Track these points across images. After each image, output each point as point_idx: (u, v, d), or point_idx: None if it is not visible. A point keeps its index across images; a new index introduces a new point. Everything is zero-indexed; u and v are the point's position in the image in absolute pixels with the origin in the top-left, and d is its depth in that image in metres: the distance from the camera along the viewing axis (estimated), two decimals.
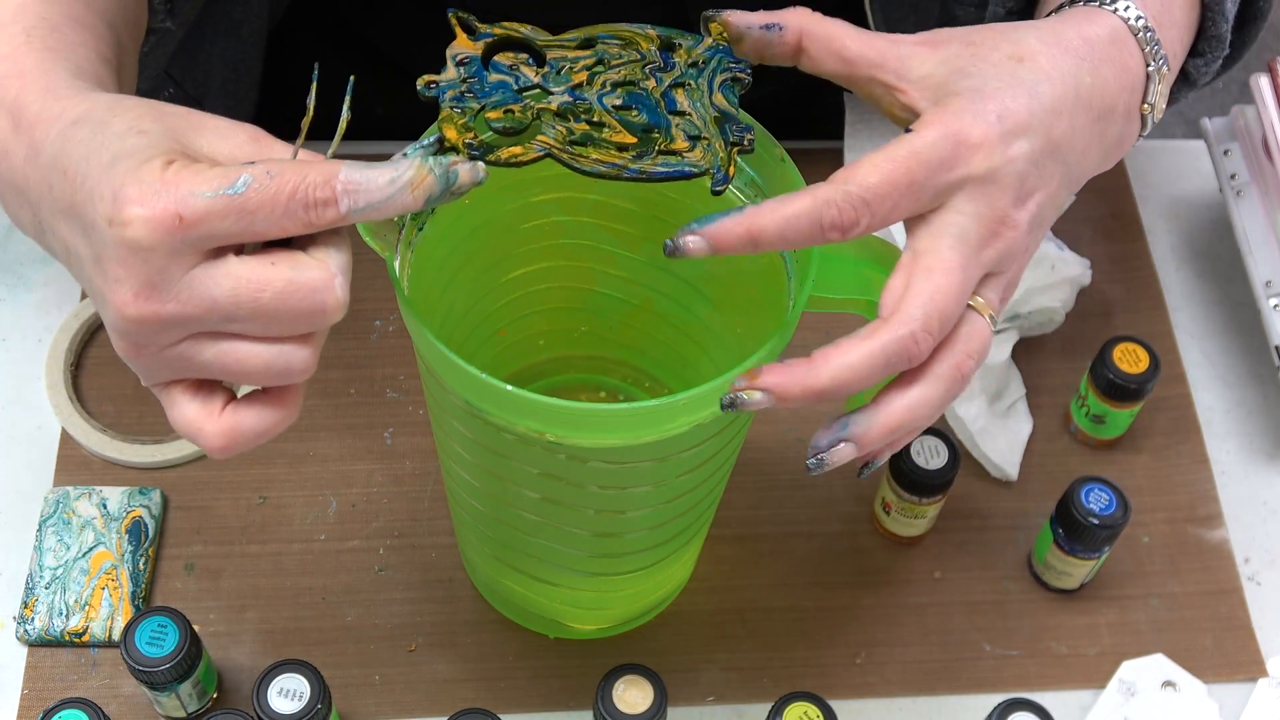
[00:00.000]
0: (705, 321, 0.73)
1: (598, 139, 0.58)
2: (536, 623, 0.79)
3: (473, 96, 0.57)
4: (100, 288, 0.51)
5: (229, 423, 0.54)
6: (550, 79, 0.59)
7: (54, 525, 0.79)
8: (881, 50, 0.59)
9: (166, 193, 0.49)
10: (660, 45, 0.60)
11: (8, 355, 0.86)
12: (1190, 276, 0.95)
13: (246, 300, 0.50)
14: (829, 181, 0.56)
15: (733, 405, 0.56)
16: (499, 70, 0.58)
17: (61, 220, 0.52)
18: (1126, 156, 0.98)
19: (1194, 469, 0.87)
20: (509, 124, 0.57)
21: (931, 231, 0.57)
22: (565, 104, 0.58)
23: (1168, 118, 2.02)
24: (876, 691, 0.79)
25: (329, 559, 0.81)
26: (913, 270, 0.56)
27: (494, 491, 0.68)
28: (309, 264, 0.51)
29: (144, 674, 0.70)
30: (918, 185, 0.56)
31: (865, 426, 0.57)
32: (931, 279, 0.56)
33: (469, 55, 0.58)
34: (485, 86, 0.58)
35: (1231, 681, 0.80)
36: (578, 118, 0.58)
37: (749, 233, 0.55)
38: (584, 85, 0.59)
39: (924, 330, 0.55)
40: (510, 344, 0.75)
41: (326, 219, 0.51)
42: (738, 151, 0.58)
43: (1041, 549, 0.81)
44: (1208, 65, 0.70)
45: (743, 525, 0.83)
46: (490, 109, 0.57)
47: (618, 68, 0.59)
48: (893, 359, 0.55)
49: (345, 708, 0.76)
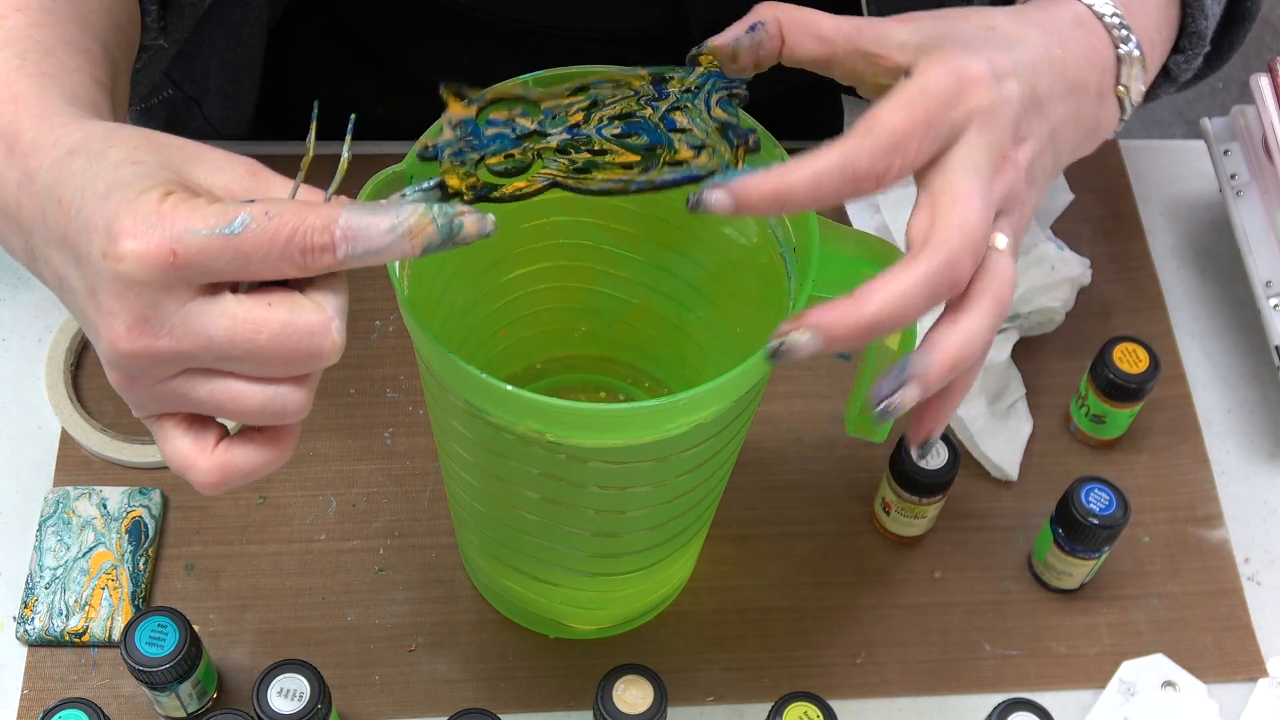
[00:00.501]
0: (705, 321, 0.73)
1: (601, 163, 0.58)
2: (536, 623, 0.79)
3: (471, 149, 0.58)
4: (94, 320, 0.51)
5: (221, 459, 0.54)
6: (547, 124, 0.59)
7: (54, 525, 0.79)
8: (857, 25, 0.60)
9: (161, 227, 0.48)
10: (652, 81, 0.60)
11: (8, 355, 0.86)
12: (1190, 276, 0.95)
13: (242, 341, 0.50)
14: (851, 134, 0.56)
15: (778, 354, 0.55)
16: (494, 125, 0.59)
17: (55, 250, 0.51)
18: (1126, 156, 0.98)
19: (1194, 469, 0.87)
20: (510, 166, 0.58)
21: (944, 170, 0.57)
22: (565, 140, 0.59)
23: (1167, 117, 2.02)
24: (876, 691, 0.79)
25: (329, 559, 0.81)
26: (935, 205, 0.56)
27: (494, 491, 0.68)
28: (306, 306, 0.51)
29: (144, 674, 0.70)
30: (935, 122, 0.56)
31: (925, 364, 0.56)
32: (957, 206, 0.56)
33: (463, 118, 0.59)
34: (482, 139, 0.58)
35: (1231, 681, 0.80)
36: (578, 149, 0.59)
37: (776, 192, 0.55)
38: (581, 124, 0.59)
39: (963, 251, 0.55)
40: (510, 344, 0.75)
41: (323, 264, 0.50)
42: (745, 151, 0.58)
43: (1041, 549, 0.81)
44: (1188, 62, 0.71)
45: (743, 525, 0.83)
46: (490, 156, 0.58)
47: (613, 104, 0.59)
48: (937, 285, 0.55)
49: (345, 708, 0.76)
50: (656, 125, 0.59)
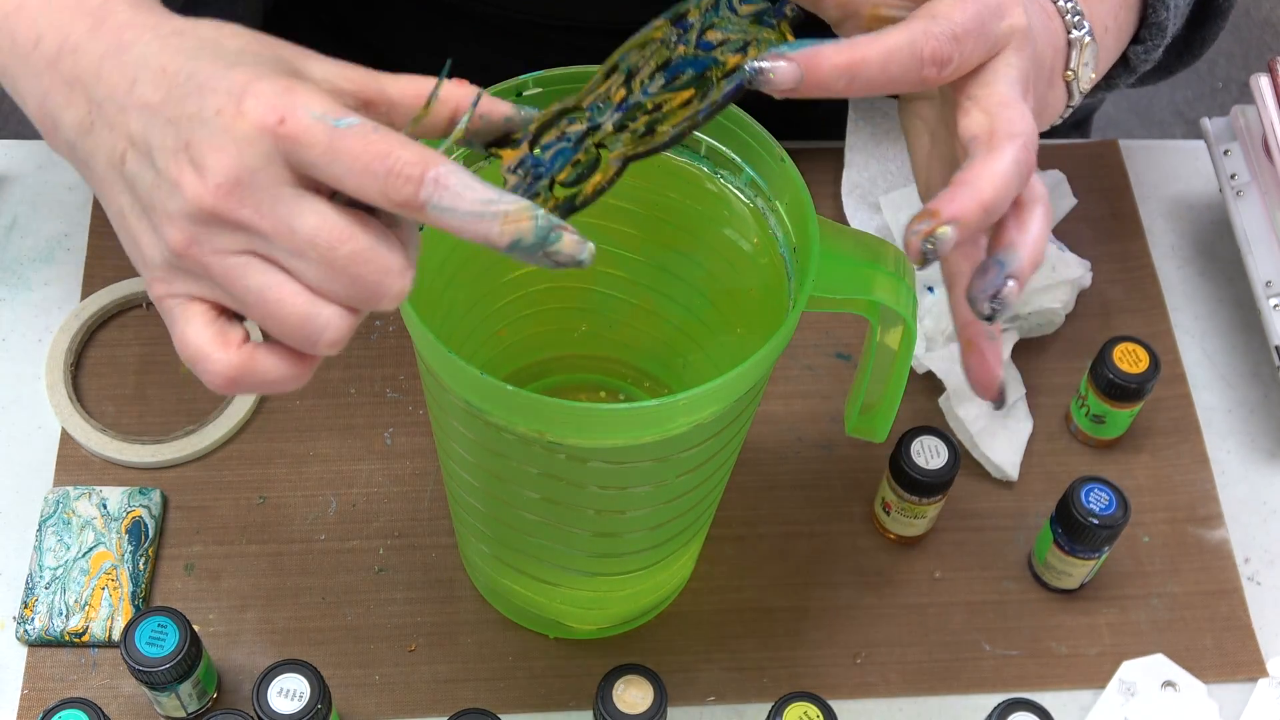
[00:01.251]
0: (705, 321, 0.73)
1: (662, 116, 0.58)
2: (536, 623, 0.79)
3: (537, 180, 0.56)
4: (174, 175, 0.50)
5: (243, 358, 0.52)
6: (596, 116, 0.58)
7: (54, 525, 0.79)
8: None
9: (284, 98, 0.49)
10: (673, 22, 0.59)
11: (8, 355, 0.86)
12: (1190, 276, 0.95)
13: (324, 244, 0.49)
14: (916, 18, 0.56)
15: (929, 254, 0.54)
16: (549, 147, 0.57)
17: (136, 114, 0.51)
18: (1126, 156, 0.98)
19: (1194, 469, 0.87)
20: (580, 171, 0.57)
21: (989, 80, 0.57)
22: (619, 119, 0.58)
23: (1167, 117, 2.02)
24: (876, 691, 0.79)
25: (329, 559, 0.81)
26: (986, 107, 0.56)
27: (494, 491, 0.68)
28: (394, 244, 0.50)
29: (144, 674, 0.70)
30: (988, 28, 0.56)
31: (1018, 260, 0.56)
32: (1008, 106, 0.56)
33: (518, 159, 0.57)
34: (544, 164, 0.57)
35: (1231, 681, 0.80)
36: (635, 118, 0.58)
37: (850, 63, 0.54)
38: (627, 97, 0.59)
39: (1032, 137, 0.55)
40: (510, 344, 0.75)
41: (402, 196, 0.49)
42: (786, 23, 0.57)
43: (1041, 549, 0.81)
44: (1148, 53, 0.70)
45: (743, 525, 0.83)
46: (558, 174, 0.57)
47: (647, 65, 0.59)
48: (1022, 167, 0.55)
49: (345, 708, 0.76)
50: (695, 55, 0.58)
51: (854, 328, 0.89)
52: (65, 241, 0.90)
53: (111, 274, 0.88)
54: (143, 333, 0.87)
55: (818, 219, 0.62)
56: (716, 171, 0.67)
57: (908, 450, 0.78)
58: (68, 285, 0.88)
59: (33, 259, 0.89)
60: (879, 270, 0.63)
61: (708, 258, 0.70)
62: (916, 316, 0.65)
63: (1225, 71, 2.07)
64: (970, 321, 0.60)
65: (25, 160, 0.93)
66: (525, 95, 0.64)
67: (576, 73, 0.64)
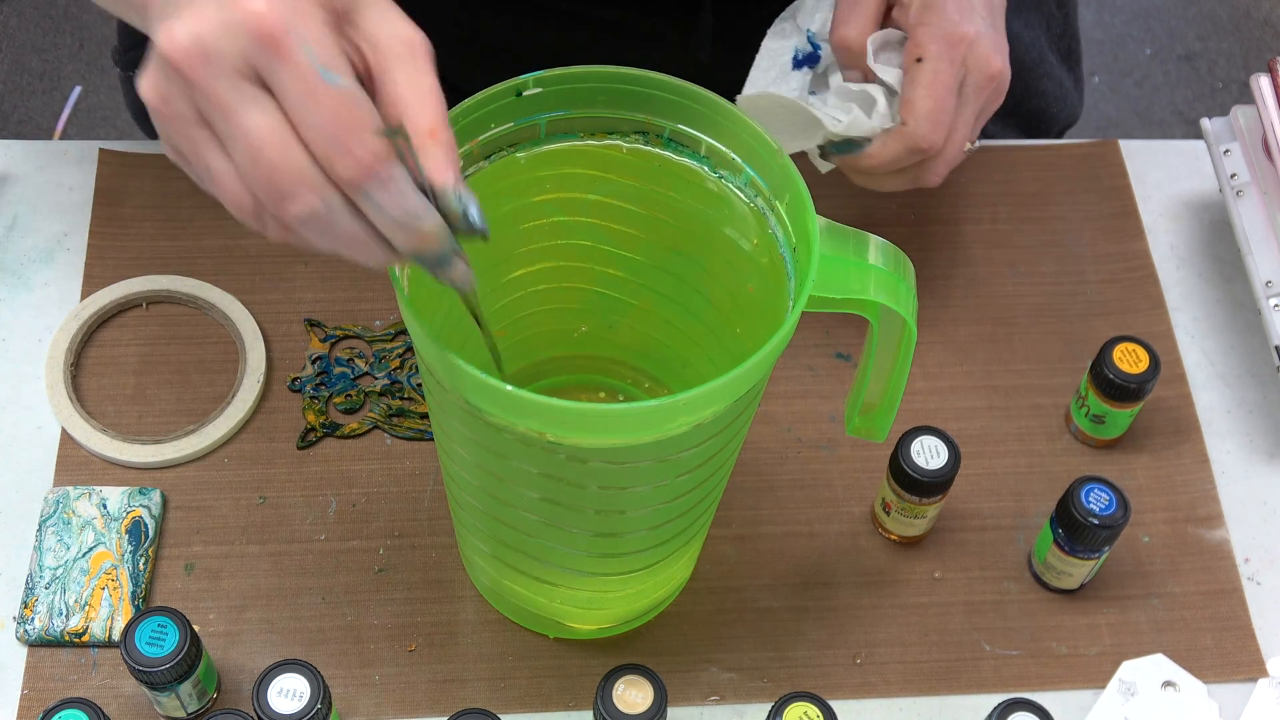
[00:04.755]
0: (705, 321, 0.73)
1: (407, 411, 0.84)
2: (536, 623, 0.79)
3: (324, 387, 0.85)
4: (158, 21, 0.51)
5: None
6: (375, 367, 0.85)
7: (54, 525, 0.79)
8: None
9: (295, 13, 0.50)
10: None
11: (8, 355, 0.86)
12: (1190, 276, 0.95)
13: (256, 144, 0.50)
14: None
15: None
16: (341, 364, 0.85)
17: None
18: (1126, 156, 0.99)
19: (1194, 469, 0.87)
20: (349, 406, 0.85)
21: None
22: (385, 385, 0.85)
23: (1167, 117, 2.03)
24: (876, 691, 0.79)
25: (329, 559, 0.81)
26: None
27: (494, 491, 0.68)
28: (319, 172, 0.51)
29: (144, 674, 0.70)
30: (954, 93, 0.78)
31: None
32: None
33: (319, 354, 0.86)
34: (332, 378, 0.85)
35: (1231, 681, 0.80)
36: (394, 395, 0.85)
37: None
38: (398, 369, 0.85)
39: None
40: (510, 344, 0.75)
41: (346, 172, 0.50)
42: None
43: (1041, 549, 0.81)
44: None
45: (743, 525, 0.83)
46: (336, 395, 0.85)
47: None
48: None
49: (345, 708, 0.76)
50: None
51: (854, 328, 0.89)
52: (65, 241, 0.90)
53: (111, 274, 0.88)
54: (143, 333, 0.87)
55: (818, 219, 0.62)
56: (716, 171, 0.67)
57: (908, 450, 0.78)
58: (68, 285, 0.88)
59: (33, 259, 0.89)
60: (879, 270, 0.63)
61: (708, 258, 0.70)
62: (916, 317, 0.65)
63: (1225, 71, 2.07)
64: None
65: (25, 160, 0.93)
66: (525, 95, 0.64)
67: (577, 73, 0.64)
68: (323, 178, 0.51)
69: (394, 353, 0.86)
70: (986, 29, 0.78)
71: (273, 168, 0.51)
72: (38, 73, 1.96)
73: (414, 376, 0.85)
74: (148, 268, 0.89)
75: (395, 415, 0.84)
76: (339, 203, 0.52)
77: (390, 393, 0.85)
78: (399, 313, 0.83)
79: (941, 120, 0.76)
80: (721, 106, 0.65)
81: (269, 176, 0.51)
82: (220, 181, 0.52)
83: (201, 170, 0.53)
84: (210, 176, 0.53)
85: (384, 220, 0.52)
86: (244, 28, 0.49)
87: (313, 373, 0.85)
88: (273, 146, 0.50)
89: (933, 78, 0.76)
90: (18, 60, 1.96)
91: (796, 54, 0.83)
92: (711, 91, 0.65)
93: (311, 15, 0.50)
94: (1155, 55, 2.07)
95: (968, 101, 0.78)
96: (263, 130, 0.50)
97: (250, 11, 0.49)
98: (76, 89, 1.94)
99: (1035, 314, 0.92)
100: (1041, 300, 0.93)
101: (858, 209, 0.94)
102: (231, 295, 0.88)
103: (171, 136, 0.53)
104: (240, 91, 0.50)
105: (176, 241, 0.90)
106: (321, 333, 0.86)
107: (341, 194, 0.52)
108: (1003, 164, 0.97)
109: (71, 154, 0.93)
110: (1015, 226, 0.95)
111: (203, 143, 0.52)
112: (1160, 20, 2.12)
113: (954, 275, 0.93)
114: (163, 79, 0.51)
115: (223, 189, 0.52)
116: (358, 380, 0.85)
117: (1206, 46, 2.10)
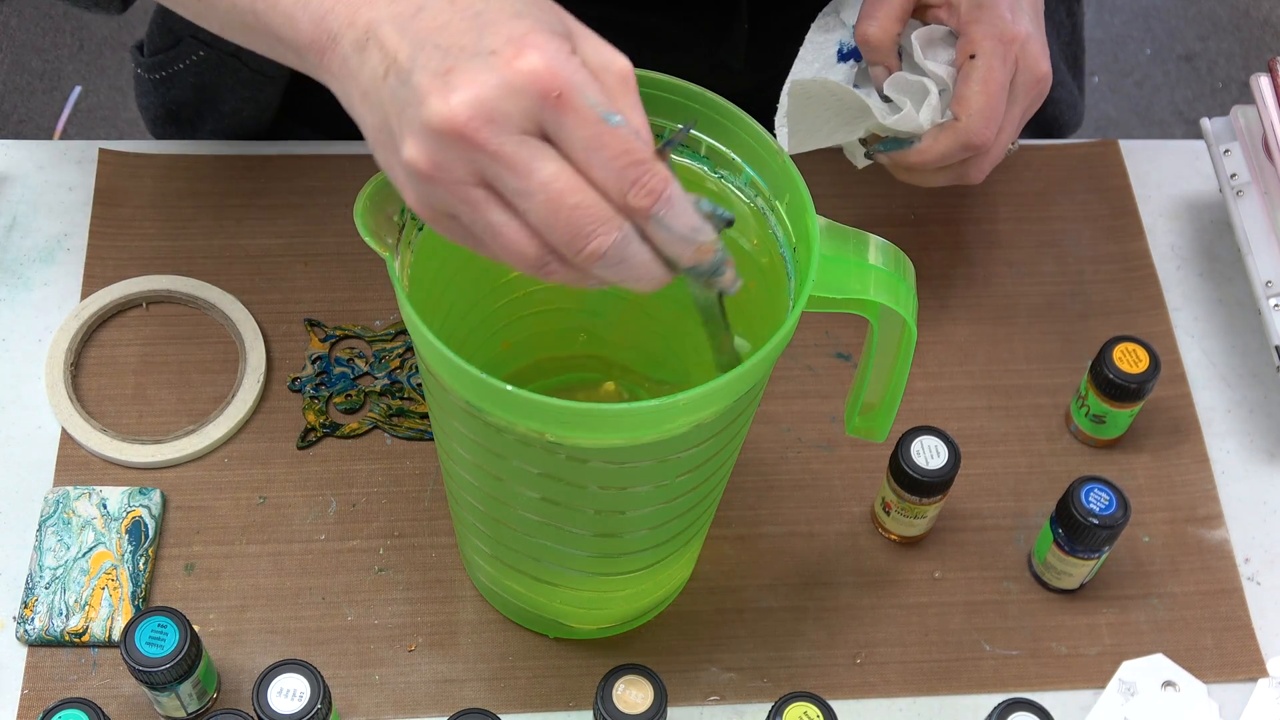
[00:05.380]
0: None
1: (407, 411, 0.84)
2: (536, 623, 0.79)
3: (324, 387, 0.85)
4: (424, 91, 0.52)
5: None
6: (375, 367, 0.85)
7: (54, 525, 0.79)
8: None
9: (566, 68, 0.51)
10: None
11: (8, 355, 0.86)
12: (1190, 276, 0.95)
13: (555, 190, 0.52)
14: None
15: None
16: (341, 364, 0.85)
17: (412, 38, 0.53)
18: (1126, 156, 0.99)
19: (1194, 469, 0.87)
20: (349, 406, 0.85)
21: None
22: (385, 385, 0.85)
23: (1167, 117, 2.03)
24: (876, 691, 0.79)
25: (329, 559, 0.81)
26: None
27: (494, 491, 0.68)
28: (611, 210, 0.53)
29: (144, 674, 0.70)
30: (1005, 92, 0.79)
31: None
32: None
33: (319, 354, 0.86)
34: (332, 378, 0.85)
35: (1231, 681, 0.80)
36: (394, 395, 0.85)
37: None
38: (398, 369, 0.85)
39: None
40: (510, 344, 0.75)
41: (639, 203, 0.53)
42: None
43: (1041, 549, 0.81)
44: None
45: (743, 525, 0.83)
46: (336, 395, 0.85)
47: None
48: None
49: (345, 708, 0.76)
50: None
51: (854, 328, 0.89)
52: (65, 241, 0.90)
53: (111, 274, 0.88)
54: (143, 333, 0.87)
55: (818, 219, 0.62)
56: (716, 171, 0.67)
57: (908, 450, 0.78)
58: (68, 285, 0.88)
59: (33, 259, 0.89)
60: (879, 270, 0.63)
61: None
62: (916, 317, 0.65)
63: (1225, 71, 2.07)
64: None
65: (25, 160, 0.93)
66: None
67: None
68: (616, 213, 0.53)
69: (394, 353, 0.86)
70: (1035, 30, 0.79)
71: (575, 210, 0.52)
72: (38, 73, 1.96)
73: (414, 376, 0.85)
74: (148, 268, 0.89)
75: (395, 415, 0.84)
76: (633, 232, 0.54)
77: (390, 393, 0.85)
78: (399, 313, 0.83)
79: (994, 117, 0.77)
80: (722, 107, 0.65)
81: (570, 220, 0.53)
82: (503, 234, 0.54)
83: (482, 228, 0.54)
84: (492, 232, 0.54)
85: (670, 240, 0.54)
86: (527, 89, 0.51)
87: (313, 373, 0.85)
88: (572, 192, 0.52)
89: (987, 74, 0.77)
90: (18, 60, 1.96)
91: (841, 47, 0.83)
92: (712, 92, 0.65)
93: (577, 64, 0.52)
94: (1155, 55, 2.07)
95: (1016, 100, 0.79)
96: (559, 179, 0.52)
97: (529, 72, 0.51)
98: (76, 89, 1.94)
99: (1035, 314, 0.92)
100: (1041, 300, 0.93)
101: (858, 209, 0.94)
102: (231, 295, 0.88)
103: (442, 200, 0.54)
104: (529, 147, 0.52)
105: (176, 241, 0.90)
106: (321, 333, 0.86)
107: (634, 224, 0.54)
108: (1003, 164, 0.97)
109: (71, 154, 0.93)
110: (1015, 226, 0.95)
111: (482, 202, 0.53)
112: (1160, 20, 2.12)
113: (954, 275, 0.93)
114: (437, 146, 0.52)
115: (506, 241, 0.54)
116: (358, 380, 0.85)
117: (1206, 46, 2.10)
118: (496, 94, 0.51)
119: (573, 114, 0.52)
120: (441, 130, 0.52)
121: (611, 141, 0.52)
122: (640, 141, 0.53)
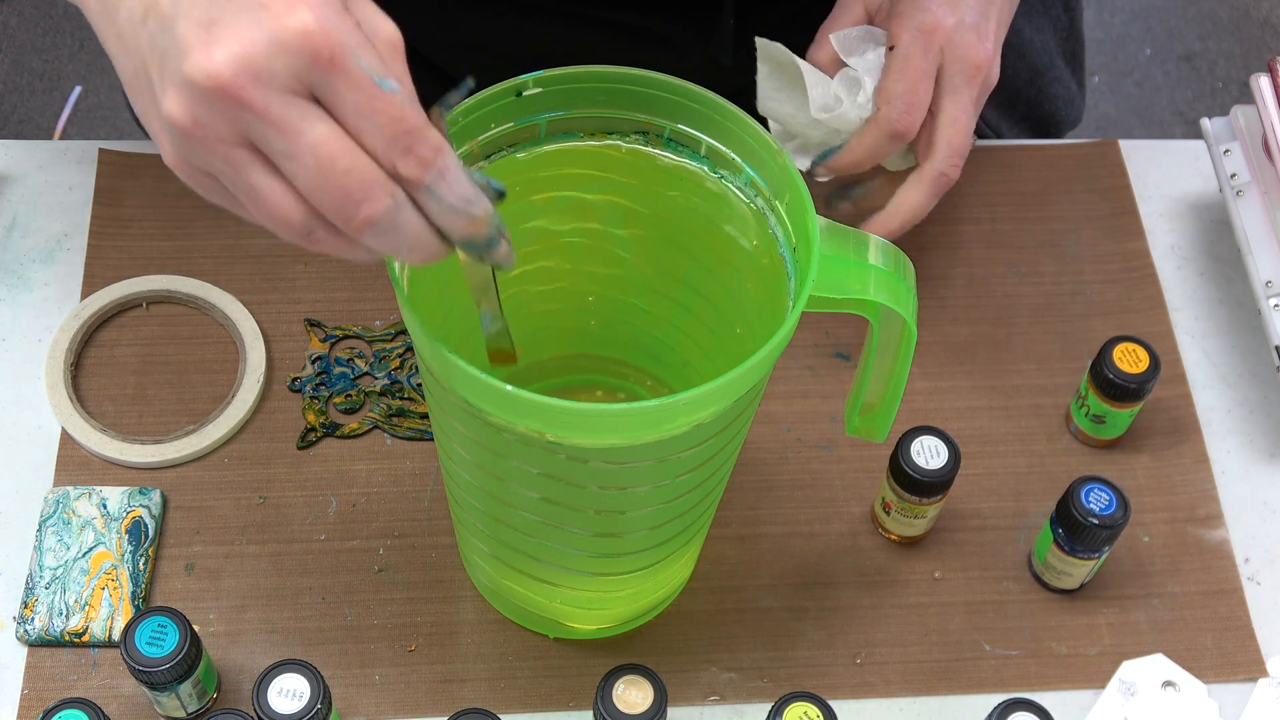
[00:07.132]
0: (705, 321, 0.73)
1: (407, 411, 0.85)
2: (536, 623, 0.79)
3: (324, 387, 0.85)
4: (187, 42, 0.49)
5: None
6: (375, 367, 0.86)
7: (54, 525, 0.79)
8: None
9: (338, 27, 0.49)
10: None
11: (8, 355, 0.86)
12: (1190, 276, 0.95)
13: (324, 154, 0.50)
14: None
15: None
16: (341, 364, 0.86)
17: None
18: (1126, 156, 0.98)
19: (1194, 469, 0.87)
20: (349, 406, 0.85)
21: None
22: (385, 385, 0.85)
23: (1167, 117, 2.03)
24: (876, 691, 0.79)
25: (329, 559, 0.81)
26: (936, 114, 0.81)
27: (494, 491, 0.68)
28: (384, 177, 0.51)
29: (144, 674, 0.70)
30: (928, 78, 0.79)
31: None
32: (953, 122, 0.81)
33: (319, 354, 0.86)
34: (331, 378, 0.85)
35: (1231, 681, 0.80)
36: (394, 395, 0.85)
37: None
38: (398, 369, 0.86)
39: (959, 156, 0.81)
40: None
41: (410, 172, 0.51)
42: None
43: (1041, 549, 0.81)
44: None
45: (743, 525, 0.83)
46: (336, 396, 0.85)
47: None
48: (938, 190, 0.81)
49: (345, 708, 0.76)
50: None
51: (854, 328, 0.89)
52: (65, 241, 0.90)
53: (111, 274, 0.88)
54: (143, 332, 0.87)
55: (818, 219, 0.62)
56: (716, 171, 0.67)
57: (908, 450, 0.78)
58: (68, 285, 0.88)
59: (33, 259, 0.89)
60: (879, 270, 0.63)
61: (708, 258, 0.70)
62: (916, 317, 0.65)
63: (1225, 71, 2.07)
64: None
65: (25, 160, 0.93)
66: (525, 95, 0.64)
67: (576, 73, 0.64)
68: (388, 179, 0.51)
69: (394, 353, 0.86)
70: (974, 18, 0.79)
71: (345, 175, 0.50)
72: (38, 73, 1.96)
73: (414, 376, 0.85)
74: (148, 268, 0.89)
75: (395, 415, 0.84)
76: (405, 200, 0.52)
77: (390, 393, 0.85)
78: (399, 313, 0.83)
79: (914, 102, 0.77)
80: (722, 106, 0.65)
81: (340, 185, 0.51)
82: (267, 198, 0.52)
83: (243, 190, 0.52)
84: (254, 195, 0.52)
85: (443, 211, 0.52)
86: (296, 46, 0.49)
87: (313, 373, 0.85)
88: (342, 156, 0.50)
89: (904, 63, 0.77)
90: (18, 60, 1.96)
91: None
92: (711, 92, 0.65)
93: (350, 25, 0.50)
94: (1155, 55, 2.07)
95: (958, 90, 0.79)
96: (329, 142, 0.50)
97: (300, 30, 0.49)
98: (76, 89, 1.94)
99: (1035, 314, 0.92)
100: (1041, 300, 0.93)
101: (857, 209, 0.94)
102: (231, 295, 0.88)
103: (202, 158, 0.52)
104: (297, 108, 0.50)
105: (176, 241, 0.90)
106: (321, 333, 0.86)
107: (405, 192, 0.52)
108: (1002, 164, 0.97)
109: (71, 154, 0.93)
110: (1015, 226, 0.95)
111: (245, 163, 0.51)
112: (1160, 20, 2.12)
113: (954, 275, 0.93)
114: (199, 101, 0.50)
115: (270, 206, 0.52)
116: (358, 380, 0.85)
117: (1206, 46, 2.10)
118: (264, 51, 0.49)
119: (344, 77, 0.49)
120: (204, 86, 0.49)
121: (384, 107, 0.50)
122: (414, 108, 0.51)
